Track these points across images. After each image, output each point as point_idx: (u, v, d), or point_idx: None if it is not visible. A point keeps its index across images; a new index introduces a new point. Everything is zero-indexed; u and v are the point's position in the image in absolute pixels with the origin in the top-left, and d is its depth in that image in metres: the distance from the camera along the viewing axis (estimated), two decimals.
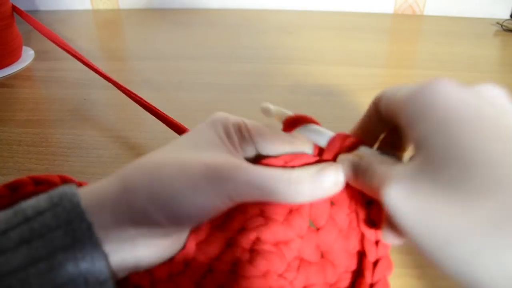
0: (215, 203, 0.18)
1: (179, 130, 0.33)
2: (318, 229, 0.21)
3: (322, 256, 0.21)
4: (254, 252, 0.20)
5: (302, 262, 0.20)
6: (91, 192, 0.18)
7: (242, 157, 0.21)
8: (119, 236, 0.17)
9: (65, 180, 0.23)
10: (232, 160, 0.19)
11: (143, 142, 0.41)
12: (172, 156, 0.19)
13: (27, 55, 0.61)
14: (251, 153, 0.21)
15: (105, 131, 0.43)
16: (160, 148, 0.20)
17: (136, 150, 0.39)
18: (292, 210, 0.21)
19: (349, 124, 0.25)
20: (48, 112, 0.46)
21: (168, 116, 0.35)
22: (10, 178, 0.36)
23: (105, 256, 0.17)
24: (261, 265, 0.20)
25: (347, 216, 0.21)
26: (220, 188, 0.17)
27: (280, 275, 0.20)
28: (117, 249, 0.17)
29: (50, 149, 0.40)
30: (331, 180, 0.19)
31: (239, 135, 0.21)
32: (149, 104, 0.37)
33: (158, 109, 0.36)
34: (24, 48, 0.62)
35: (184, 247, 0.21)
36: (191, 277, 0.20)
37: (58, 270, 0.16)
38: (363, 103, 0.48)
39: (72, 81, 0.54)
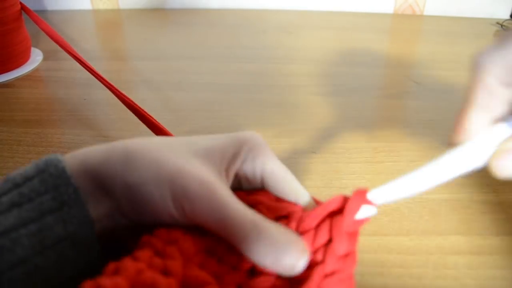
0: (170, 209, 0.18)
1: None
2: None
3: None
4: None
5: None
6: (74, 157, 0.19)
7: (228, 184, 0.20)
8: (99, 201, 0.18)
9: None
10: (207, 176, 0.19)
11: None
12: (160, 153, 0.19)
13: (35, 58, 0.61)
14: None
15: (105, 131, 0.43)
16: (170, 138, 0.21)
17: None
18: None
19: (349, 124, 0.25)
20: (48, 112, 0.46)
21: (160, 125, 0.35)
22: None
23: (90, 219, 0.18)
24: None
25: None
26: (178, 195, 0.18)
27: None
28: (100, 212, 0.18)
29: (50, 149, 0.40)
30: (288, 262, 0.17)
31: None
32: (147, 114, 0.37)
33: (151, 117, 0.36)
34: (32, 49, 0.62)
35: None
36: None
37: (47, 231, 0.17)
38: (363, 103, 0.48)
39: (72, 81, 0.54)
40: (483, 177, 0.36)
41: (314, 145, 0.40)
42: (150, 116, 0.37)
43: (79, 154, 0.19)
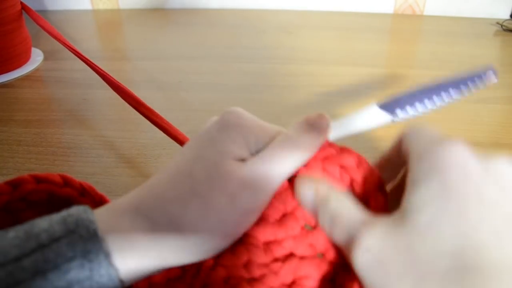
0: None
1: (179, 140, 0.33)
2: (313, 228, 0.21)
3: (323, 256, 0.20)
4: (238, 243, 0.20)
5: (291, 256, 0.20)
6: (109, 222, 0.18)
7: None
8: (136, 267, 0.17)
9: (65, 180, 0.23)
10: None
11: (143, 142, 0.41)
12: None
13: (35, 58, 0.61)
14: None
15: (105, 131, 0.43)
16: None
17: (136, 150, 0.39)
18: (286, 213, 0.21)
19: None
20: (48, 112, 0.46)
21: (172, 126, 0.34)
22: (10, 178, 0.36)
23: (121, 284, 0.17)
24: (242, 254, 0.20)
25: None
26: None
27: (264, 265, 0.20)
28: (132, 277, 0.17)
29: (50, 149, 0.40)
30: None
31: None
32: (154, 113, 0.36)
33: (160, 118, 0.35)
34: (33, 49, 0.62)
35: None
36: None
37: None
38: (363, 103, 0.48)
39: (72, 81, 0.54)
40: None
41: None
42: (153, 110, 0.36)
43: (109, 211, 0.18)
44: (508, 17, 0.79)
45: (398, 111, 0.23)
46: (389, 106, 0.23)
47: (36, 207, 0.22)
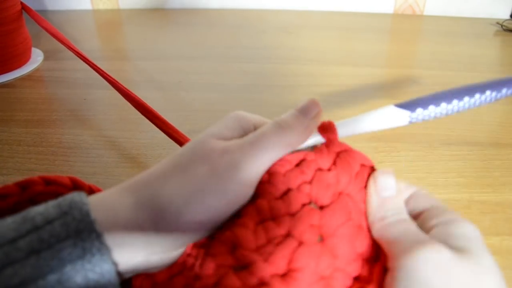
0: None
1: (180, 142, 0.33)
2: (321, 208, 0.19)
3: (322, 239, 0.18)
4: (226, 228, 0.19)
5: (288, 237, 0.18)
6: (101, 201, 0.18)
7: None
8: (130, 245, 0.17)
9: (75, 182, 0.23)
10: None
11: (143, 142, 0.41)
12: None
13: (36, 58, 0.61)
14: None
15: (105, 131, 0.43)
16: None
17: (136, 150, 0.39)
18: (289, 189, 0.19)
19: None
20: (48, 112, 0.46)
21: (172, 127, 0.34)
22: (10, 178, 0.36)
23: (114, 267, 0.17)
24: (228, 238, 0.18)
25: (362, 214, 0.20)
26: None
27: (254, 249, 0.18)
28: (126, 259, 0.17)
29: (50, 149, 0.40)
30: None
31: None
32: (154, 114, 0.36)
33: (160, 119, 0.35)
34: (33, 49, 0.62)
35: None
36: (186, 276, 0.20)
37: (67, 282, 0.16)
38: (363, 103, 0.48)
39: (72, 81, 0.54)
40: (483, 177, 0.36)
41: None
42: (155, 112, 0.36)
43: (104, 197, 0.19)
44: (508, 17, 0.79)
45: (419, 110, 0.22)
46: (407, 106, 0.23)
47: None
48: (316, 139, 0.21)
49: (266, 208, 0.19)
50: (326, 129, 0.21)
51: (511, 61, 0.62)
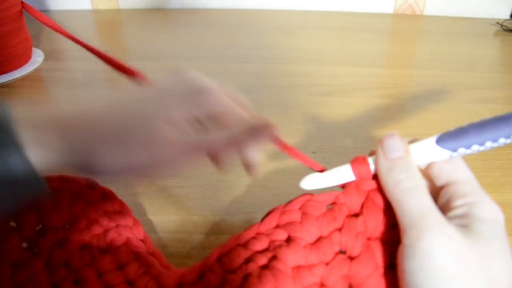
0: None
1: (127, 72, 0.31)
2: (351, 259, 0.20)
3: None
4: (265, 268, 0.20)
5: (322, 287, 0.19)
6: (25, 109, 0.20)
7: None
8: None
9: (89, 183, 0.24)
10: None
11: None
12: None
13: (36, 58, 0.60)
14: None
15: None
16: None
17: None
18: (322, 237, 0.20)
19: (350, 124, 0.25)
20: None
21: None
22: None
23: (31, 162, 0.19)
24: (269, 281, 0.19)
25: (386, 252, 0.20)
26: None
27: None
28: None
29: None
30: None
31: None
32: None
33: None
34: (34, 49, 0.62)
35: (205, 259, 0.21)
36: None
37: None
38: (363, 103, 0.48)
39: (72, 81, 0.54)
40: (483, 177, 0.36)
41: (314, 145, 0.40)
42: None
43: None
44: (508, 17, 0.79)
45: (461, 150, 0.21)
46: (449, 143, 0.21)
47: (61, 207, 0.23)
48: (348, 174, 0.21)
49: (301, 253, 0.20)
50: (359, 164, 0.21)
51: (511, 61, 0.62)
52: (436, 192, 0.21)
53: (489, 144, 0.20)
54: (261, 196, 0.33)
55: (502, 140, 0.19)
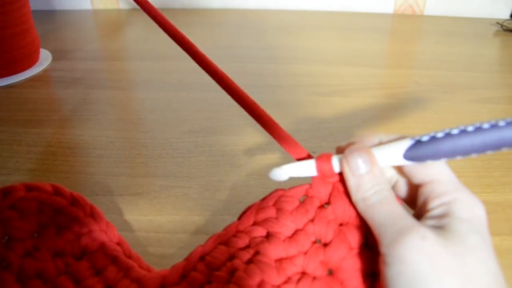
0: None
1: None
2: (325, 245, 0.21)
3: (331, 273, 0.21)
4: (251, 263, 0.20)
5: (304, 276, 0.20)
6: None
7: None
8: None
9: (56, 189, 0.24)
10: None
11: (143, 142, 0.41)
12: None
13: (43, 58, 0.60)
14: None
15: (105, 131, 0.43)
16: None
17: (136, 150, 0.39)
18: (297, 230, 0.21)
19: (349, 124, 0.25)
20: (48, 112, 0.46)
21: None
22: (10, 178, 0.36)
23: None
24: (256, 275, 0.20)
25: (359, 234, 0.21)
26: None
27: (277, 286, 0.20)
28: None
29: (50, 149, 0.40)
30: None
31: None
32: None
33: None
34: (41, 50, 0.61)
35: (186, 259, 0.22)
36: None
37: None
38: (363, 103, 0.48)
39: (72, 81, 0.54)
40: (483, 177, 0.36)
41: (314, 145, 0.40)
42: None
43: None
44: (508, 17, 0.79)
45: (428, 162, 0.20)
46: (418, 154, 0.20)
47: (27, 216, 0.22)
48: (313, 170, 0.22)
49: (281, 247, 0.21)
50: (323, 162, 0.22)
51: (511, 61, 0.62)
52: (414, 189, 0.21)
53: (459, 157, 0.19)
54: (261, 196, 0.33)
55: (473, 155, 0.19)
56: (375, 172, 0.20)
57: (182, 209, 0.32)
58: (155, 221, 0.31)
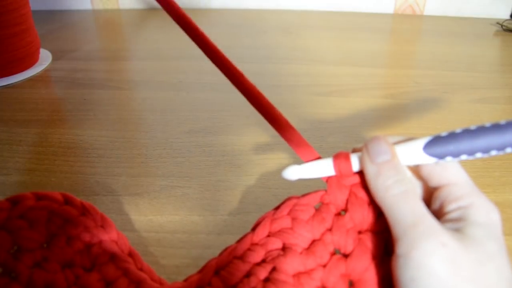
0: None
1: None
2: (346, 256, 0.20)
3: (352, 285, 0.20)
4: (268, 281, 0.20)
5: None
6: None
7: None
8: None
9: (66, 198, 0.23)
10: None
11: (143, 142, 0.41)
12: None
13: (44, 58, 0.60)
14: None
15: (105, 131, 0.43)
16: None
17: (136, 150, 0.39)
18: (315, 240, 0.20)
19: (349, 124, 0.25)
20: (48, 112, 0.46)
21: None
22: (10, 178, 0.36)
23: None
24: None
25: (379, 242, 0.20)
26: None
27: None
28: None
29: (50, 149, 0.40)
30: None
31: None
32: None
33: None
34: (41, 50, 0.61)
35: (200, 272, 0.21)
36: None
37: None
38: (363, 103, 0.48)
39: (72, 81, 0.54)
40: (483, 177, 0.36)
41: (314, 145, 0.40)
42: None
43: None
44: (508, 17, 0.79)
45: (448, 158, 0.20)
46: (437, 151, 0.20)
47: (36, 226, 0.22)
48: (330, 168, 0.21)
49: (299, 260, 0.20)
50: (341, 160, 0.21)
51: (511, 61, 0.62)
52: (429, 193, 0.21)
53: (479, 155, 0.19)
54: (261, 196, 0.33)
55: (493, 152, 0.19)
56: (395, 162, 0.20)
57: (182, 209, 0.32)
58: (155, 221, 0.31)
